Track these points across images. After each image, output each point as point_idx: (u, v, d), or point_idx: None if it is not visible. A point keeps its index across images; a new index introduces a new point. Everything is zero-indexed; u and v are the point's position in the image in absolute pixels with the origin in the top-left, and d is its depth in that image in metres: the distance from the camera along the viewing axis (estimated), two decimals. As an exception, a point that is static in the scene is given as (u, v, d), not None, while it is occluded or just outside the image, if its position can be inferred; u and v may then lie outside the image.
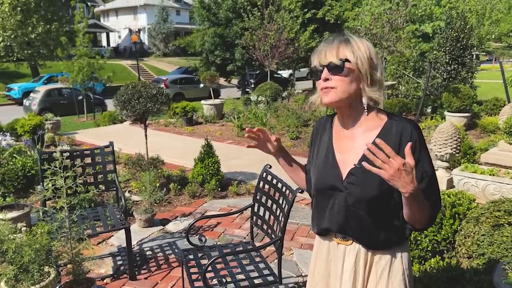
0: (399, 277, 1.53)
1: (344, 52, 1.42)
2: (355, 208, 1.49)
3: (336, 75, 1.43)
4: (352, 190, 1.48)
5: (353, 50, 1.42)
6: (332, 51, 1.44)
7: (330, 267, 1.63)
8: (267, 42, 13.53)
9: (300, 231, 4.18)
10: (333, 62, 1.42)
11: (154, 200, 4.56)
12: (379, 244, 1.52)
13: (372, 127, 1.50)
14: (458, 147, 4.59)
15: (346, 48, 1.43)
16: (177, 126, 10.24)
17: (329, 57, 1.43)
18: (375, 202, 1.46)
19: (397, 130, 1.46)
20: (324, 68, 1.44)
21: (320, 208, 1.61)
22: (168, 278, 3.32)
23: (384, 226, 1.50)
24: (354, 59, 1.42)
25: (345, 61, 1.42)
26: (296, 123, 9.21)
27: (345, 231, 1.55)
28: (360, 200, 1.47)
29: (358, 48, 1.43)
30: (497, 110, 9.71)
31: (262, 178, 2.85)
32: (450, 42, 11.04)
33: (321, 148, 1.64)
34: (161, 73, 31.49)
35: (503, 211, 3.13)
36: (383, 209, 1.47)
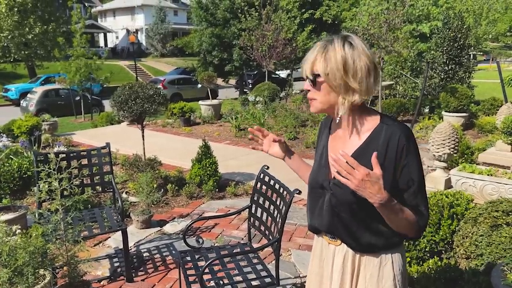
0: (389, 283, 1.50)
1: (317, 66, 1.42)
2: (338, 210, 1.50)
3: (313, 87, 1.47)
4: (336, 191, 1.49)
5: (327, 63, 1.40)
6: (309, 64, 1.45)
7: (323, 266, 1.64)
8: (264, 42, 13.53)
9: (298, 232, 4.16)
10: (308, 77, 1.46)
11: (151, 201, 4.53)
12: (364, 247, 1.50)
13: (364, 130, 1.49)
14: (456, 147, 4.58)
15: (321, 60, 1.42)
16: (175, 126, 10.21)
17: (306, 70, 1.46)
18: (356, 206, 1.44)
19: (386, 135, 1.44)
20: (307, 79, 1.48)
21: (311, 206, 1.62)
22: (165, 280, 3.30)
23: (369, 230, 1.48)
24: (325, 72, 1.41)
25: (316, 76, 1.43)
26: (294, 123, 9.20)
27: (332, 231, 1.55)
28: (341, 202, 1.48)
29: (332, 58, 1.40)
30: (495, 110, 9.72)
31: (260, 179, 2.84)
32: (448, 42, 11.05)
33: (319, 147, 1.66)
34: (159, 74, 31.43)
35: (501, 212, 3.12)
36: (366, 213, 1.44)
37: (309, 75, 1.45)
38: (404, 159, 1.41)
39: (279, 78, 22.44)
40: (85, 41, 13.35)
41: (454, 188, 4.46)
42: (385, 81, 12.06)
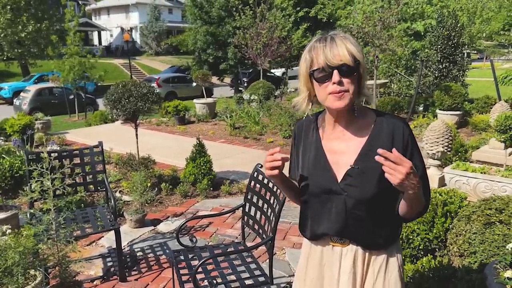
0: (395, 273, 1.53)
1: (355, 51, 1.36)
2: (356, 210, 1.46)
3: (348, 77, 1.36)
4: (351, 192, 1.45)
5: (357, 48, 1.37)
6: (343, 50, 1.35)
7: (324, 272, 1.59)
8: (259, 40, 13.50)
9: (292, 230, 4.16)
10: (346, 64, 1.35)
11: (145, 200, 4.51)
12: (379, 243, 1.51)
13: (363, 126, 1.48)
14: (450, 145, 4.59)
15: (353, 46, 1.37)
16: (169, 125, 10.18)
17: (342, 57, 1.35)
18: (374, 202, 1.45)
19: (389, 128, 1.46)
20: (334, 70, 1.36)
21: (315, 213, 1.56)
22: (158, 279, 3.28)
23: (384, 225, 1.50)
24: (362, 59, 1.38)
25: (358, 63, 1.37)
26: (289, 121, 9.19)
27: (343, 234, 1.52)
28: (360, 201, 1.45)
29: (356, 43, 1.39)
30: (488, 108, 9.76)
31: (254, 178, 2.83)
32: (442, 41, 11.08)
33: (307, 151, 1.58)
34: (153, 72, 31.32)
35: (494, 209, 3.13)
36: (382, 207, 1.47)
37: (348, 62, 1.35)
38: (410, 149, 1.46)
39: (274, 77, 22.43)
40: (79, 39, 13.26)
41: (448, 186, 4.47)
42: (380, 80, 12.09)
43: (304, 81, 1.47)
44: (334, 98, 1.39)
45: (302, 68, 1.46)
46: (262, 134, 8.85)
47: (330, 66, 1.35)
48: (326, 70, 1.36)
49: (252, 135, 8.63)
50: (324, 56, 1.36)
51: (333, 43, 1.36)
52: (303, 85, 1.47)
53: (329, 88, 1.38)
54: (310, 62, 1.42)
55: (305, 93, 1.49)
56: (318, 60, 1.38)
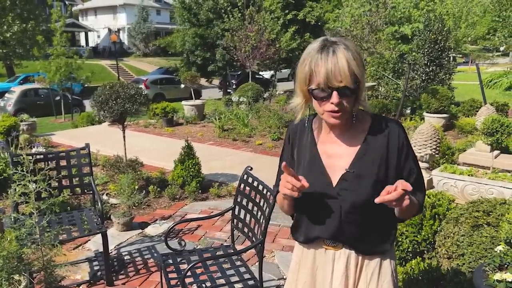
0: (389, 278, 1.53)
1: (357, 69, 1.32)
2: (351, 214, 1.46)
3: (347, 98, 1.34)
4: (346, 196, 1.44)
5: (358, 63, 1.32)
6: (345, 70, 1.29)
7: (316, 275, 1.58)
8: (248, 43, 13.50)
9: (282, 233, 4.14)
10: (347, 86, 1.31)
11: (132, 203, 4.45)
12: (372, 248, 1.51)
13: (359, 130, 1.48)
14: (438, 147, 4.63)
15: (355, 61, 1.31)
16: (157, 127, 10.10)
17: (343, 78, 1.30)
18: (369, 206, 1.43)
19: (384, 131, 1.47)
20: (334, 91, 1.32)
21: (310, 217, 1.54)
22: (146, 283, 3.24)
23: (378, 229, 1.50)
24: (363, 74, 1.34)
25: (358, 83, 1.34)
26: (278, 124, 9.19)
27: (337, 237, 1.51)
28: (355, 205, 1.44)
29: (358, 55, 1.33)
30: (474, 111, 9.89)
31: (243, 180, 2.81)
32: (429, 44, 11.21)
33: (302, 154, 1.56)
34: (141, 73, 31.11)
35: (481, 212, 3.16)
36: (377, 211, 1.45)
37: (349, 84, 1.31)
38: (406, 152, 1.48)
39: (263, 79, 22.45)
40: (65, 40, 13.10)
41: (436, 188, 4.51)
42: (368, 83, 12.16)
43: (300, 87, 1.42)
44: (330, 116, 1.39)
45: (300, 75, 1.39)
46: (251, 136, 8.83)
47: (330, 86, 1.32)
48: (326, 90, 1.33)
49: (241, 137, 8.61)
50: (325, 75, 1.30)
51: (335, 58, 1.30)
52: (299, 90, 1.43)
53: (327, 107, 1.37)
54: (309, 74, 1.35)
55: (301, 98, 1.45)
56: (318, 77, 1.32)
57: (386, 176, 1.45)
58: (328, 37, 1.38)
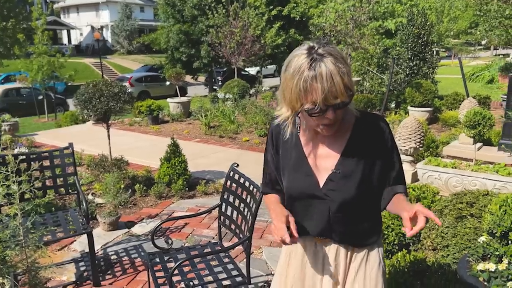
0: (376, 267, 1.56)
1: (350, 83, 1.30)
2: (339, 213, 1.48)
3: (341, 109, 1.33)
4: (334, 197, 1.46)
5: (348, 72, 1.29)
6: (341, 88, 1.27)
7: (306, 268, 1.61)
8: (233, 39, 13.45)
9: (269, 229, 4.15)
10: (344, 101, 1.30)
11: (118, 202, 4.42)
12: (361, 241, 1.54)
13: (343, 128, 1.47)
14: (422, 141, 4.68)
15: (346, 76, 1.28)
16: (143, 125, 10.01)
17: (339, 96, 1.28)
18: (357, 203, 1.47)
19: (368, 128, 1.47)
20: (329, 107, 1.30)
21: (298, 216, 1.54)
22: (134, 282, 3.21)
23: (366, 223, 1.53)
24: (352, 84, 1.32)
25: (351, 95, 1.32)
26: (264, 120, 9.19)
27: (326, 234, 1.54)
28: (343, 205, 1.46)
29: (345, 62, 1.30)
30: (457, 104, 10.04)
31: (230, 177, 2.80)
32: (412, 39, 11.31)
33: (287, 155, 1.55)
34: (126, 71, 30.77)
35: (465, 203, 3.21)
36: (364, 207, 1.50)
37: (345, 99, 1.29)
38: (390, 148, 1.50)
39: (249, 75, 22.40)
40: (47, 38, 12.89)
41: (420, 181, 4.56)
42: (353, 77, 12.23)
43: (291, 104, 1.35)
44: (323, 127, 1.38)
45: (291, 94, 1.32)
46: (237, 133, 8.82)
47: (327, 104, 1.29)
48: (322, 108, 1.30)
49: (228, 134, 8.59)
50: (321, 95, 1.26)
51: (329, 76, 1.25)
52: (289, 106, 1.37)
53: (321, 120, 1.35)
54: (301, 94, 1.29)
55: (290, 112, 1.40)
56: (313, 97, 1.28)
57: (371, 173, 1.47)
58: (313, 46, 1.30)
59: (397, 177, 1.52)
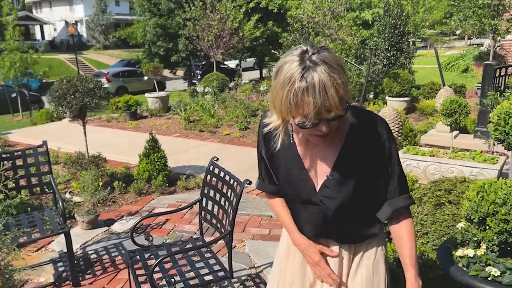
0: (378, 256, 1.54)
1: (346, 94, 1.18)
2: (335, 218, 1.45)
3: (336, 120, 1.22)
4: (329, 204, 1.42)
5: (344, 82, 1.17)
6: (335, 102, 1.15)
7: (307, 265, 1.58)
8: (210, 32, 13.32)
9: (251, 222, 4.14)
10: (339, 114, 1.19)
11: (97, 200, 4.32)
12: (363, 238, 1.52)
13: (338, 133, 1.38)
14: (400, 130, 4.73)
15: (342, 87, 1.16)
16: (121, 121, 9.84)
17: (334, 110, 1.17)
18: (353, 208, 1.43)
19: (364, 134, 1.37)
20: (322, 120, 1.21)
21: (296, 217, 1.55)
22: (115, 281, 3.16)
23: (365, 222, 1.49)
24: (349, 94, 1.21)
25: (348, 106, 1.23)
26: (245, 113, 9.15)
27: (325, 236, 1.52)
28: (338, 211, 1.43)
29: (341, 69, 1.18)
30: (434, 94, 10.20)
31: (209, 172, 2.76)
32: (389, 29, 11.42)
33: (282, 155, 1.47)
34: (102, 67, 30.21)
35: (443, 190, 3.26)
36: (363, 211, 1.46)
37: (340, 112, 1.18)
38: (388, 151, 1.39)
39: (228, 69, 22.29)
40: (19, 33, 12.52)
41: (399, 170, 4.60)
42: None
43: (282, 115, 1.26)
44: (317, 139, 1.31)
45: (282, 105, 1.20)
46: (218, 126, 8.76)
47: (320, 118, 1.19)
48: (314, 122, 1.20)
49: (208, 128, 8.52)
50: (313, 110, 1.16)
51: (323, 89, 1.13)
52: (278, 114, 1.27)
53: (314, 131, 1.26)
54: (292, 108, 1.18)
55: (281, 122, 1.30)
56: (305, 111, 1.17)
57: (367, 180, 1.41)
58: (306, 51, 1.18)
59: (398, 187, 1.43)
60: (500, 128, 2.43)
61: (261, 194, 4.86)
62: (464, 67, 16.05)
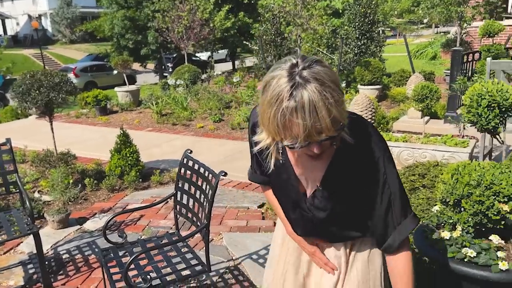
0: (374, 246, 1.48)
1: (337, 115, 1.05)
2: (325, 226, 1.41)
3: (328, 140, 1.11)
4: (317, 214, 1.37)
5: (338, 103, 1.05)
6: (326, 125, 1.04)
7: (302, 255, 1.55)
8: (180, 23, 13.09)
9: (228, 214, 4.09)
10: (331, 136, 1.09)
11: (68, 198, 4.18)
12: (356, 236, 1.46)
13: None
14: (373, 117, 4.77)
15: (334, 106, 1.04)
16: (90, 116, 9.57)
17: (325, 132, 1.06)
18: (343, 218, 1.38)
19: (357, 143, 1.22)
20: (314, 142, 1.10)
21: (288, 216, 1.51)
22: (88, 280, 3.06)
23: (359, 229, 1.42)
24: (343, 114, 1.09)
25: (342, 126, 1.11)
26: (218, 105, 9.06)
27: (314, 236, 1.49)
28: (327, 221, 1.38)
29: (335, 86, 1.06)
30: (404, 81, 10.36)
31: (183, 165, 2.70)
32: (359, 18, 11.50)
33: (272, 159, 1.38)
34: (69, 62, 29.30)
35: (417, 175, 3.30)
36: (354, 218, 1.39)
37: (332, 133, 1.07)
38: (384, 171, 1.26)
39: (200, 61, 22.01)
40: (-23, 28, 11.95)
41: (373, 157, 4.65)
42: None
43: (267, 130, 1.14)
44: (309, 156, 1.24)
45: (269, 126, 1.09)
46: (191, 119, 8.63)
47: (309, 140, 1.09)
48: (304, 144, 1.09)
49: (181, 121, 8.39)
50: (303, 133, 1.05)
51: (313, 110, 1.02)
52: (267, 132, 1.15)
53: (306, 152, 1.17)
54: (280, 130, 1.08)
55: (271, 139, 1.19)
56: (292, 134, 1.07)
57: (359, 196, 1.31)
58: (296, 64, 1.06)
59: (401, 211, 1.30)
60: (473, 110, 2.45)
61: (237, 186, 4.82)
62: (432, 55, 16.37)
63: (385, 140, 1.30)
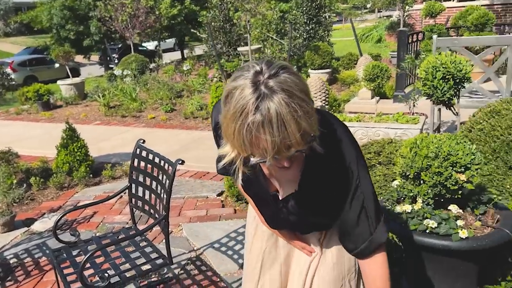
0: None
1: (307, 127, 0.96)
2: (297, 224, 1.37)
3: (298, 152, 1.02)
4: (289, 216, 1.31)
5: (308, 114, 0.97)
6: (295, 138, 0.95)
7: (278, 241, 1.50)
8: (124, 11, 12.57)
9: (187, 204, 3.98)
10: (301, 149, 1.00)
11: (12, 199, 3.89)
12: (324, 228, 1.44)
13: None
14: (327, 99, 4.81)
15: (303, 120, 0.95)
16: (32, 112, 9.01)
17: (295, 146, 0.97)
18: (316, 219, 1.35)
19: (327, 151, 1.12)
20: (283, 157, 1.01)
21: (258, 207, 1.46)
22: (41, 284, 2.87)
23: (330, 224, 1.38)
24: (313, 125, 1.00)
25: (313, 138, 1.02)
26: (169, 95, 8.82)
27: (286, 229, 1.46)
28: (299, 221, 1.34)
29: (307, 103, 0.97)
30: (353, 64, 10.57)
31: (136, 155, 2.56)
32: (306, 2, 11.55)
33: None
34: (5, 56, 27.37)
35: (373, 153, 3.35)
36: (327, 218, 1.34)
37: (302, 147, 0.99)
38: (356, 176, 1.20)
39: (147, 51, 21.33)
40: None
41: (329, 138, 4.69)
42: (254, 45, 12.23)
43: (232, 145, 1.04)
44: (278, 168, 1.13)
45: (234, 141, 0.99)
46: (141, 110, 8.35)
47: (278, 156, 1.00)
48: (273, 160, 1.00)
49: (131, 113, 8.09)
50: (271, 150, 0.96)
51: (281, 125, 0.93)
52: (232, 146, 1.05)
53: (275, 164, 1.07)
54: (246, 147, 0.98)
55: (235, 153, 1.07)
56: (260, 150, 0.97)
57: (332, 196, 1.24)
58: (260, 71, 0.96)
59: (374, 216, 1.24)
60: (428, 83, 2.49)
61: (195, 175, 4.71)
62: (377, 38, 16.83)
63: (356, 141, 1.24)
